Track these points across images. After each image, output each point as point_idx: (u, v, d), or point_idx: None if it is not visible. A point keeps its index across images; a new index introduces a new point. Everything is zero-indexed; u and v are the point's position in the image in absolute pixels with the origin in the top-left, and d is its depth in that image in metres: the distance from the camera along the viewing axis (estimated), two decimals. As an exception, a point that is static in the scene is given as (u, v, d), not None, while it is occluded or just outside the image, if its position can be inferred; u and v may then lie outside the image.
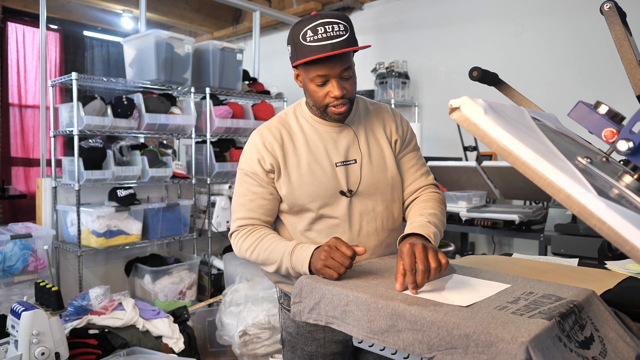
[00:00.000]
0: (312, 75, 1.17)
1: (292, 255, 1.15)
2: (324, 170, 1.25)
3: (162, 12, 5.78)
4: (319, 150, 1.26)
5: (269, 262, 1.21)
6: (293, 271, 1.16)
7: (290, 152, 1.26)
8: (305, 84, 1.22)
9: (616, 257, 1.68)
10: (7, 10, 5.49)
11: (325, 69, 1.15)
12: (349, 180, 1.27)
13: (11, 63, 5.61)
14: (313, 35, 1.12)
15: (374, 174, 1.29)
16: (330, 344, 1.30)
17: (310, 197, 1.24)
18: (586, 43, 3.47)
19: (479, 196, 3.03)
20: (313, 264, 1.11)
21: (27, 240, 2.52)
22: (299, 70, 1.23)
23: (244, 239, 1.26)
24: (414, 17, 4.46)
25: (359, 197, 1.27)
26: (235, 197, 1.32)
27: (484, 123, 0.66)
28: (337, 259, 1.05)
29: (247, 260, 1.29)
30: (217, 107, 3.33)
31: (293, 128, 1.29)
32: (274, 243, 1.21)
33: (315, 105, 1.24)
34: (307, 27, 1.13)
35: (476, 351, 0.74)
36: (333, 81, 1.17)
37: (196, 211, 3.34)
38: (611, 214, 0.54)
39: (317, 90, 1.19)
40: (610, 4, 0.84)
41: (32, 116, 5.76)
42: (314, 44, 1.12)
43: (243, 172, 1.30)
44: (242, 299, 2.69)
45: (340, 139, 1.28)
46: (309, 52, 1.13)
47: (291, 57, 1.21)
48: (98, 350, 2.20)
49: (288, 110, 1.34)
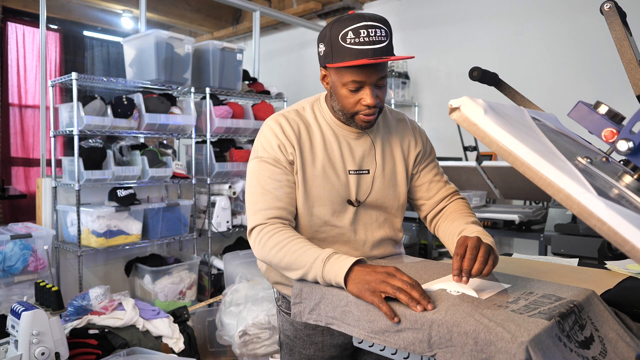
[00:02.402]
0: (346, 80, 1.10)
1: (327, 263, 1.00)
2: (338, 176, 1.20)
3: (162, 12, 5.78)
4: (335, 154, 1.21)
5: (294, 267, 1.05)
6: (322, 280, 1.01)
7: (307, 149, 1.19)
8: (335, 87, 1.14)
9: (616, 257, 1.68)
10: (7, 10, 5.50)
11: (362, 75, 1.08)
12: (359, 190, 1.23)
13: (11, 63, 5.61)
14: (354, 38, 1.05)
15: (384, 188, 1.26)
16: (328, 347, 1.29)
17: (320, 200, 1.19)
18: (586, 43, 3.47)
19: (479, 196, 3.03)
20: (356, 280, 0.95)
21: (27, 240, 2.52)
22: (328, 71, 1.15)
23: (270, 236, 1.10)
24: (414, 17, 4.46)
25: (365, 207, 1.25)
26: (252, 187, 1.17)
27: (484, 123, 0.66)
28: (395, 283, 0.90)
29: (265, 261, 1.13)
30: (217, 107, 3.33)
31: (311, 125, 1.22)
32: (306, 247, 1.06)
33: (342, 110, 1.16)
34: (349, 27, 1.05)
35: (476, 349, 0.75)
36: (367, 89, 1.10)
37: (196, 211, 3.34)
38: (611, 214, 0.54)
39: (348, 96, 1.12)
40: (610, 4, 0.84)
41: (32, 116, 5.76)
42: (354, 47, 1.05)
43: (261, 160, 1.18)
44: (242, 299, 2.69)
45: (357, 146, 1.23)
46: (348, 56, 1.06)
47: (323, 57, 1.13)
48: (98, 350, 2.20)
49: (305, 105, 1.26)
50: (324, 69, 1.17)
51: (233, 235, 3.63)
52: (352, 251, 1.25)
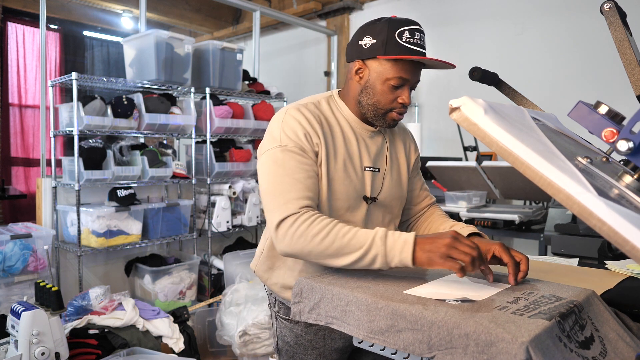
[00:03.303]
0: (391, 75, 1.13)
1: (387, 239, 0.99)
2: (355, 172, 1.22)
3: (162, 12, 5.79)
4: (354, 149, 1.22)
5: (347, 251, 1.01)
6: (385, 261, 0.99)
7: (330, 142, 1.18)
8: (374, 81, 1.15)
9: (616, 257, 1.68)
10: (7, 10, 5.50)
11: (409, 73, 1.13)
12: (373, 187, 1.25)
13: (11, 63, 5.61)
14: (410, 38, 1.10)
15: (392, 187, 1.29)
16: (330, 352, 1.28)
17: (340, 195, 1.19)
18: (586, 43, 3.47)
19: (479, 196, 3.03)
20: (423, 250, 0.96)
21: (27, 240, 2.52)
22: (370, 64, 1.16)
23: (310, 223, 1.04)
24: (414, 17, 4.44)
25: (376, 206, 1.27)
26: (276, 177, 1.11)
27: (484, 123, 0.66)
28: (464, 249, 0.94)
29: (300, 252, 1.05)
30: (217, 107, 3.33)
31: (330, 118, 1.21)
32: (353, 229, 1.02)
33: (376, 105, 1.17)
34: (406, 27, 1.11)
35: (476, 351, 0.74)
36: (407, 88, 1.16)
37: (196, 211, 3.34)
38: (611, 214, 0.54)
39: (387, 92, 1.15)
40: (610, 4, 0.84)
41: (32, 116, 5.76)
42: (410, 45, 1.10)
43: (285, 149, 1.12)
44: (242, 299, 2.69)
45: (371, 144, 1.25)
46: (403, 52, 1.10)
47: (370, 49, 1.13)
48: (98, 350, 2.20)
49: (320, 100, 1.24)
50: (361, 62, 1.17)
51: (233, 235, 3.63)
52: None
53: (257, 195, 3.51)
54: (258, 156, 1.21)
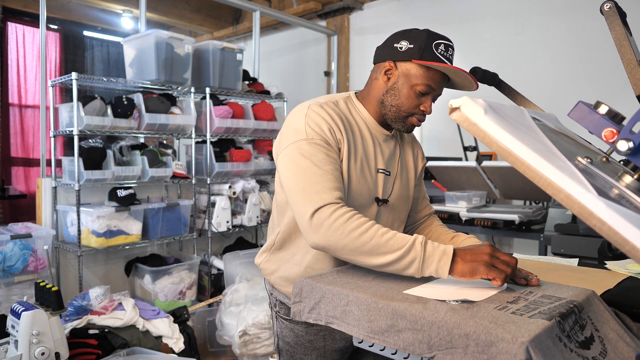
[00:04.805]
0: (420, 81, 1.17)
1: (427, 246, 0.99)
2: (370, 172, 1.24)
3: (162, 12, 5.79)
4: (370, 150, 1.25)
5: (384, 250, 0.99)
6: (419, 263, 0.98)
7: (350, 140, 1.19)
8: (402, 84, 1.19)
9: (616, 257, 1.68)
10: (7, 10, 5.50)
11: (436, 83, 1.18)
12: (384, 189, 1.28)
13: (11, 63, 5.61)
14: (444, 52, 1.16)
15: (401, 191, 1.32)
16: (330, 352, 1.28)
17: (354, 193, 1.19)
18: (586, 43, 3.47)
19: (479, 196, 3.03)
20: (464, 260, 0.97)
21: (27, 240, 2.52)
22: (401, 67, 1.19)
23: (349, 217, 1.02)
24: (414, 17, 4.45)
25: (386, 208, 1.29)
26: (305, 169, 1.08)
27: (484, 123, 0.66)
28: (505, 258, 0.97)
29: (335, 247, 1.02)
30: (217, 107, 3.33)
31: (349, 118, 1.23)
32: (391, 231, 1.02)
33: (399, 107, 1.21)
34: (442, 41, 1.17)
35: (476, 351, 0.74)
36: (430, 97, 1.21)
37: (196, 211, 3.34)
38: (611, 214, 0.54)
39: (412, 97, 1.19)
40: (610, 4, 0.84)
41: (32, 116, 5.77)
42: (442, 57, 1.16)
43: (312, 142, 1.11)
44: (242, 299, 2.69)
45: (385, 147, 1.29)
46: (438, 61, 1.15)
47: (406, 52, 1.17)
48: (98, 350, 2.20)
49: (338, 99, 1.26)
50: (392, 63, 1.20)
51: (233, 235, 3.63)
52: None
53: (257, 195, 3.51)
54: (278, 152, 1.18)
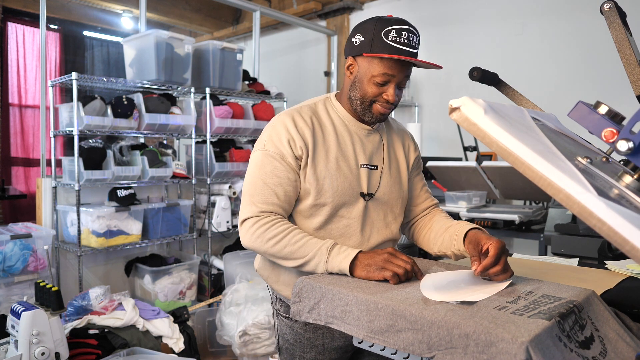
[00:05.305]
0: (376, 72, 1.17)
1: (332, 250, 1.11)
2: (350, 168, 1.25)
3: (162, 12, 5.79)
4: (348, 148, 1.26)
5: (295, 256, 1.14)
6: (325, 268, 1.11)
7: (320, 142, 1.24)
8: (362, 77, 1.21)
9: (616, 257, 1.68)
10: (7, 10, 5.50)
11: (393, 70, 1.17)
12: (370, 184, 1.28)
13: (11, 63, 5.61)
14: (397, 37, 1.14)
15: (391, 184, 1.32)
16: (329, 350, 1.29)
17: (333, 191, 1.22)
18: (586, 43, 3.47)
19: (479, 196, 3.03)
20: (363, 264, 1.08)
21: (27, 240, 2.52)
22: (359, 61, 1.21)
23: (267, 227, 1.16)
24: (414, 17, 4.44)
25: (374, 202, 1.29)
26: (252, 178, 1.22)
27: (484, 123, 0.66)
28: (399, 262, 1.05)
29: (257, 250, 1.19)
30: (217, 107, 3.33)
31: (323, 119, 1.27)
32: (306, 237, 1.15)
33: (362, 98, 1.22)
34: (393, 27, 1.15)
35: (476, 351, 0.74)
36: (392, 85, 1.19)
37: (196, 211, 3.34)
38: (611, 214, 0.54)
39: (373, 88, 1.20)
40: (610, 4, 0.84)
41: (32, 116, 5.77)
42: (394, 44, 1.14)
43: (267, 153, 1.22)
44: (242, 299, 2.69)
45: (367, 142, 1.29)
46: (387, 50, 1.14)
47: (359, 46, 1.19)
48: (98, 350, 2.20)
49: (317, 102, 1.31)
50: (352, 58, 1.23)
51: (233, 235, 3.63)
52: (356, 246, 1.26)
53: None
54: None
